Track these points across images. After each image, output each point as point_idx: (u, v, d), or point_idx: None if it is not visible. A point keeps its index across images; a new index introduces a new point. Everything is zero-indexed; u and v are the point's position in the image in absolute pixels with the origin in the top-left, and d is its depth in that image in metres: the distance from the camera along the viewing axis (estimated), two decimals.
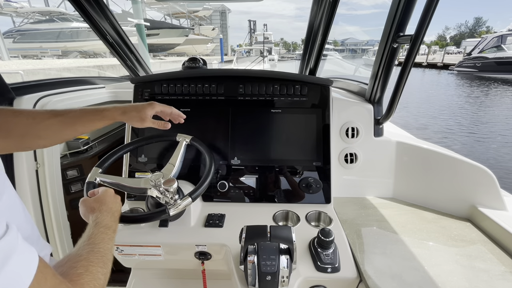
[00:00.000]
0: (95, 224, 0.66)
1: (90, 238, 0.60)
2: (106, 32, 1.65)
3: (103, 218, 0.69)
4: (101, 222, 0.67)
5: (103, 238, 0.61)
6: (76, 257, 0.52)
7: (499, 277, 0.88)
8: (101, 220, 0.68)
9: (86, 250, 0.54)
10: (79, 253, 0.53)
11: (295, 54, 63.67)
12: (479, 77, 19.05)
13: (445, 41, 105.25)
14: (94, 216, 0.70)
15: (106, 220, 0.68)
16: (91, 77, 1.84)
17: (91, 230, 0.63)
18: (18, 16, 28.24)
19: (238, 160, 1.30)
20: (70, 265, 0.49)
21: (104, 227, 0.65)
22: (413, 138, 1.53)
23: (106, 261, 0.55)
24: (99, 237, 0.61)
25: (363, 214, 1.25)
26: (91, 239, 0.59)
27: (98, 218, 0.68)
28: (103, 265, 0.53)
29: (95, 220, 0.67)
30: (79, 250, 0.55)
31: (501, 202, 1.14)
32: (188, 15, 42.10)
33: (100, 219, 0.68)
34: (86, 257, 0.52)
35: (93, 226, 0.65)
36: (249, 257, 0.82)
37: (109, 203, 0.77)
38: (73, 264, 0.49)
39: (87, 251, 0.54)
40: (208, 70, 1.47)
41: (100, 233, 0.62)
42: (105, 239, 0.61)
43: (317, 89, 1.31)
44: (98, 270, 0.51)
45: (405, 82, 1.12)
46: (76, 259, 0.51)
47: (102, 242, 0.59)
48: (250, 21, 46.10)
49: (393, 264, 0.94)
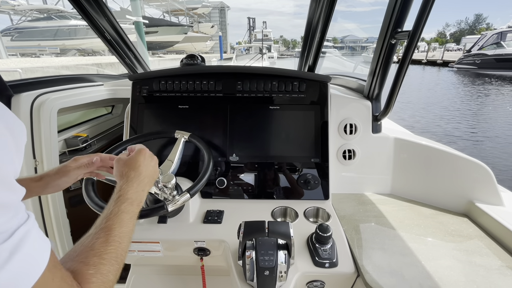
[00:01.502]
0: (117, 198, 0.62)
1: (108, 218, 0.56)
2: (104, 30, 1.65)
3: (128, 189, 0.65)
4: (124, 194, 0.63)
5: (122, 220, 0.57)
6: (88, 250, 0.49)
7: (495, 271, 0.89)
8: (125, 192, 0.63)
9: (100, 240, 0.51)
10: (92, 244, 0.50)
11: (295, 51, 63.43)
12: (478, 74, 19.03)
13: (445, 38, 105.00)
14: (119, 185, 0.66)
15: (130, 192, 0.64)
16: (89, 75, 1.84)
17: (110, 208, 0.59)
18: (16, 14, 28.10)
19: (237, 157, 1.30)
20: (81, 260, 0.47)
21: (127, 202, 0.61)
22: (411, 135, 1.54)
23: (121, 252, 0.53)
24: (118, 219, 0.56)
25: (361, 210, 1.26)
26: (109, 221, 0.55)
27: (122, 190, 0.64)
28: (115, 261, 0.50)
29: (118, 193, 0.63)
30: (94, 238, 0.51)
31: (498, 197, 1.15)
32: (187, 13, 41.90)
33: (124, 191, 0.64)
34: (98, 250, 0.49)
35: (114, 202, 0.61)
36: (247, 253, 0.83)
37: (140, 167, 0.72)
38: (85, 260, 0.47)
39: (100, 242, 0.51)
40: (206, 67, 1.47)
41: (120, 212, 0.58)
42: (124, 220, 0.57)
43: (315, 86, 1.31)
44: (109, 270, 0.48)
45: (403, 78, 1.12)
46: (88, 253, 0.48)
47: (120, 225, 0.56)
48: (249, 19, 45.97)
49: (391, 259, 0.94)
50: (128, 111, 1.37)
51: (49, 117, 1.29)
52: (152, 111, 1.35)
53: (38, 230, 0.40)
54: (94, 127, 1.95)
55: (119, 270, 0.51)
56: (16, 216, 0.36)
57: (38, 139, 1.26)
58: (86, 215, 1.13)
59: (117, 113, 2.21)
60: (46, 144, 1.28)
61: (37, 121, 1.26)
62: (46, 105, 1.27)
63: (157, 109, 1.36)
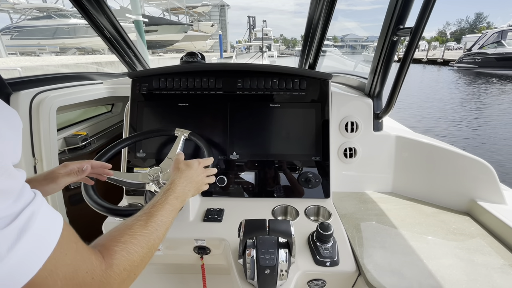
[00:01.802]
0: (167, 189, 0.69)
1: (154, 205, 0.62)
2: (104, 28, 1.64)
3: (178, 183, 0.72)
4: (174, 189, 0.70)
5: (166, 209, 0.62)
6: (125, 228, 0.52)
7: (498, 270, 0.88)
8: (175, 187, 0.71)
9: (140, 223, 0.55)
10: (132, 225, 0.54)
11: (295, 50, 63.37)
12: (478, 73, 19.00)
13: (445, 37, 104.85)
14: (172, 179, 0.74)
15: (179, 188, 0.71)
16: (89, 73, 1.83)
17: (160, 197, 0.65)
18: (16, 13, 28.03)
19: (237, 155, 1.29)
20: (115, 236, 0.49)
21: (174, 195, 0.67)
22: (412, 133, 1.53)
23: (155, 238, 0.56)
24: (163, 208, 0.62)
25: (362, 209, 1.25)
26: (155, 207, 0.61)
27: (173, 183, 0.72)
28: (146, 244, 0.52)
29: (170, 185, 0.71)
30: (135, 219, 0.56)
31: (500, 196, 1.14)
32: (187, 11, 41.82)
33: (174, 184, 0.71)
34: (133, 231, 0.52)
35: (164, 192, 0.67)
36: (248, 251, 0.82)
37: (193, 171, 0.81)
38: (117, 236, 0.50)
39: (140, 224, 0.55)
40: (206, 64, 1.46)
41: (166, 202, 0.64)
42: (167, 210, 0.63)
43: (316, 84, 1.31)
44: (137, 251, 0.50)
45: (405, 75, 1.11)
46: (124, 231, 0.51)
47: (161, 214, 0.60)
48: (249, 17, 45.80)
49: (392, 258, 0.94)
50: (128, 109, 1.36)
51: (48, 115, 1.29)
52: (152, 109, 1.35)
53: (46, 208, 0.40)
54: (94, 126, 1.94)
55: (148, 256, 0.53)
56: (20, 200, 0.36)
57: (37, 137, 1.26)
58: (86, 214, 1.12)
59: (116, 111, 2.20)
60: (45, 143, 1.27)
61: (36, 119, 1.25)
62: (45, 103, 1.26)
63: (157, 107, 1.35)
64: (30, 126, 1.24)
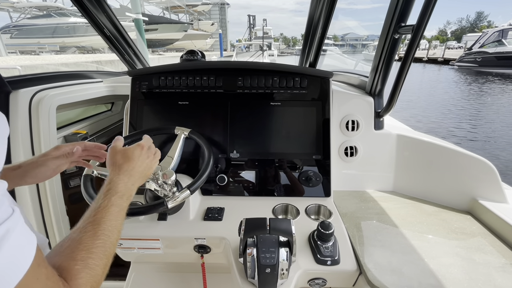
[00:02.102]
0: (107, 190, 0.59)
1: (96, 212, 0.53)
2: (103, 26, 1.63)
3: (118, 181, 0.61)
4: (115, 188, 0.59)
5: (111, 213, 0.54)
6: (76, 244, 0.47)
7: (499, 269, 0.88)
8: (115, 185, 0.60)
9: (88, 234, 0.49)
10: (80, 238, 0.48)
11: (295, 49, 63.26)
12: (479, 72, 18.97)
13: (446, 36, 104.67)
14: (110, 177, 0.63)
15: (120, 185, 0.61)
16: (89, 71, 1.82)
17: (100, 201, 0.56)
18: (15, 11, 27.98)
19: (237, 154, 1.29)
20: (68, 255, 0.45)
21: (116, 195, 0.58)
22: (414, 131, 1.52)
23: (110, 245, 0.51)
24: (107, 212, 0.54)
25: (363, 207, 1.25)
26: (98, 214, 0.53)
27: (112, 182, 0.61)
28: (103, 255, 0.49)
29: (108, 185, 0.60)
30: (81, 231, 0.49)
31: (502, 195, 1.14)
32: (186, 10, 41.75)
33: (114, 183, 0.60)
34: (86, 244, 0.48)
35: (104, 194, 0.58)
36: (248, 250, 0.82)
37: (135, 160, 0.68)
38: (72, 254, 0.45)
39: (89, 236, 0.49)
40: (206, 62, 1.46)
41: (109, 205, 0.55)
42: (113, 213, 0.55)
43: (317, 82, 1.30)
44: (97, 264, 0.47)
45: (406, 74, 1.10)
46: (75, 247, 0.46)
47: (109, 219, 0.53)
48: (249, 16, 45.71)
49: (393, 257, 0.93)
50: (128, 107, 1.35)
51: (48, 113, 1.28)
52: (152, 107, 1.34)
53: (22, 227, 0.38)
54: (94, 124, 1.93)
55: (107, 264, 0.50)
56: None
57: (37, 136, 1.25)
58: None
59: (116, 110, 2.20)
60: (45, 141, 1.27)
61: (35, 118, 1.25)
62: (45, 102, 1.26)
63: (156, 105, 1.34)
64: (30, 124, 1.23)
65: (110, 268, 0.53)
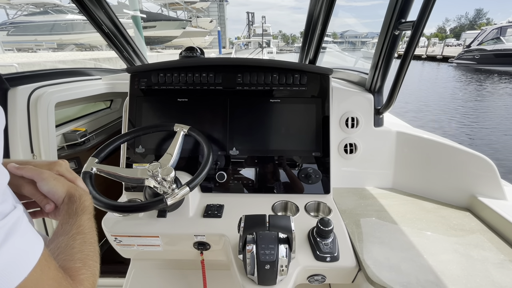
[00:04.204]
0: (83, 208, 0.57)
1: (79, 226, 0.53)
2: (102, 23, 1.62)
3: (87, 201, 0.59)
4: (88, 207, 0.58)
5: (91, 227, 0.55)
6: (69, 249, 0.47)
7: (497, 265, 0.88)
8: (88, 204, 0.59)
9: (78, 241, 0.49)
10: (71, 244, 0.48)
11: (294, 46, 63.03)
12: (477, 69, 18.98)
13: (445, 33, 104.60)
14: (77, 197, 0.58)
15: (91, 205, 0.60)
16: (87, 68, 1.81)
17: (79, 217, 0.54)
18: (12, 8, 27.76)
19: (237, 151, 1.29)
20: (65, 258, 0.45)
21: (90, 213, 0.58)
22: (413, 128, 1.52)
23: (97, 253, 0.52)
24: (88, 226, 0.54)
25: (363, 204, 1.25)
26: (81, 227, 0.53)
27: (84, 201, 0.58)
28: (96, 258, 0.50)
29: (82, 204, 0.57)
30: (69, 240, 0.49)
31: (501, 191, 1.14)
32: (185, 7, 41.49)
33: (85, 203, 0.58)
34: (80, 249, 0.48)
35: (81, 211, 0.56)
36: (248, 247, 0.82)
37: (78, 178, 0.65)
38: (69, 257, 0.46)
39: (79, 243, 0.49)
40: (205, 59, 1.45)
41: (88, 220, 0.56)
42: (92, 227, 0.56)
43: (316, 79, 1.30)
44: (94, 265, 0.48)
45: (406, 70, 1.10)
46: (69, 252, 0.47)
47: (91, 232, 0.54)
48: (248, 13, 45.50)
49: (392, 254, 0.94)
50: (127, 104, 1.35)
51: (47, 110, 1.27)
52: (151, 105, 1.33)
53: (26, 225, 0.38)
54: (93, 122, 1.93)
55: (99, 269, 0.50)
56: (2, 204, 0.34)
57: (35, 133, 1.25)
58: None
59: (116, 107, 2.19)
60: (43, 139, 1.26)
61: (34, 115, 1.24)
62: (43, 99, 1.25)
63: (156, 102, 1.34)
64: (28, 122, 1.23)
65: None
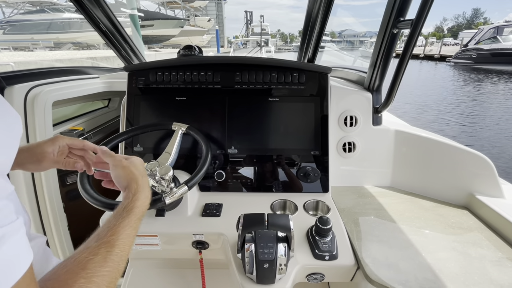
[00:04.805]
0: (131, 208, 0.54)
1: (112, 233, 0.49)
2: (99, 21, 1.61)
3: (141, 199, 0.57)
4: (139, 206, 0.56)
5: (129, 235, 0.50)
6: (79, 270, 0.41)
7: (495, 263, 0.89)
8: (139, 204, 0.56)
9: (97, 259, 0.44)
10: (86, 263, 0.43)
11: (292, 45, 62.98)
12: (474, 68, 19.06)
13: (442, 32, 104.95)
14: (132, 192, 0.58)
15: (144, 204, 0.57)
16: (85, 67, 1.80)
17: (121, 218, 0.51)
18: (8, 7, 27.55)
19: (235, 150, 1.28)
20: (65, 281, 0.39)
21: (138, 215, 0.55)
22: (412, 127, 1.53)
23: (116, 275, 0.46)
24: (126, 232, 0.50)
25: (361, 203, 1.25)
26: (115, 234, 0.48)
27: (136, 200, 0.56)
28: (105, 285, 0.42)
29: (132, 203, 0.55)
30: (91, 253, 0.44)
31: (499, 190, 1.15)
32: (183, 6, 41.34)
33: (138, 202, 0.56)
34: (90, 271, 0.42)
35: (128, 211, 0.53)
36: (247, 245, 0.82)
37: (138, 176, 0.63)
38: (70, 281, 0.39)
39: (97, 261, 0.43)
40: (204, 58, 1.44)
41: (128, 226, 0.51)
42: (131, 235, 0.50)
43: (315, 77, 1.29)
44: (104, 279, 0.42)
45: (405, 69, 1.10)
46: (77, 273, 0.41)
47: (124, 242, 0.49)
48: (246, 12, 45.46)
49: (391, 252, 0.94)
50: (124, 103, 1.34)
51: (44, 109, 1.26)
52: (149, 103, 1.33)
53: (21, 239, 0.35)
54: (91, 121, 1.91)
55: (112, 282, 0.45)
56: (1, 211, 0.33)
57: (32, 132, 1.24)
58: (84, 210, 1.11)
59: (113, 106, 2.18)
60: (41, 138, 1.25)
61: (31, 114, 1.23)
62: (40, 98, 1.24)
63: (154, 101, 1.33)
64: (25, 121, 1.22)
65: None
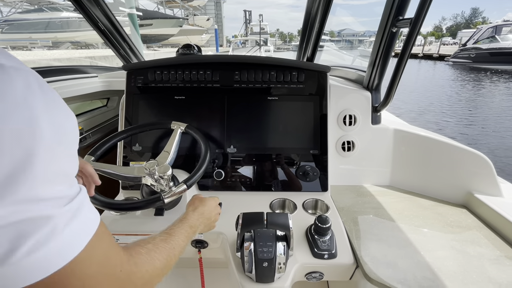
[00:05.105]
0: (183, 218, 0.75)
1: (172, 228, 0.67)
2: (98, 20, 1.60)
3: (192, 216, 0.78)
4: (190, 219, 0.75)
5: (182, 234, 0.67)
6: (149, 239, 0.56)
7: (493, 261, 0.89)
8: (190, 218, 0.76)
9: (161, 237, 0.59)
10: (154, 238, 0.58)
11: (291, 45, 62.96)
12: (472, 68, 19.10)
13: (441, 32, 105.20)
14: (186, 211, 0.81)
15: (193, 219, 0.77)
16: (83, 66, 1.80)
17: (177, 222, 0.72)
18: (5, 6, 27.43)
19: (235, 149, 1.28)
20: (138, 243, 0.53)
21: (188, 224, 0.73)
22: (410, 126, 1.53)
23: (172, 256, 0.58)
24: (179, 232, 0.67)
25: (360, 202, 1.25)
26: (172, 229, 0.66)
27: (187, 214, 0.78)
28: (166, 256, 0.55)
29: (186, 216, 0.76)
30: (159, 234, 0.61)
31: (497, 188, 1.15)
32: (182, 5, 41.24)
33: (190, 216, 0.77)
34: (156, 242, 0.56)
35: (180, 220, 0.74)
36: (246, 244, 0.82)
37: (207, 208, 0.86)
38: (141, 243, 0.53)
39: (160, 239, 0.59)
40: (203, 56, 1.44)
41: (182, 228, 0.69)
42: (183, 235, 0.67)
43: (314, 76, 1.29)
44: (158, 258, 0.52)
45: (404, 68, 1.10)
46: (147, 241, 0.55)
47: (179, 236, 0.65)
48: (245, 11, 45.41)
49: (390, 251, 0.94)
50: (123, 102, 1.33)
51: None
52: (148, 102, 1.32)
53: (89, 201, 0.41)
54: (89, 120, 1.90)
55: (165, 269, 0.54)
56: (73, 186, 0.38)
57: None
58: None
59: (112, 105, 2.17)
60: None
61: None
62: None
63: (152, 100, 1.33)
64: None
65: None
